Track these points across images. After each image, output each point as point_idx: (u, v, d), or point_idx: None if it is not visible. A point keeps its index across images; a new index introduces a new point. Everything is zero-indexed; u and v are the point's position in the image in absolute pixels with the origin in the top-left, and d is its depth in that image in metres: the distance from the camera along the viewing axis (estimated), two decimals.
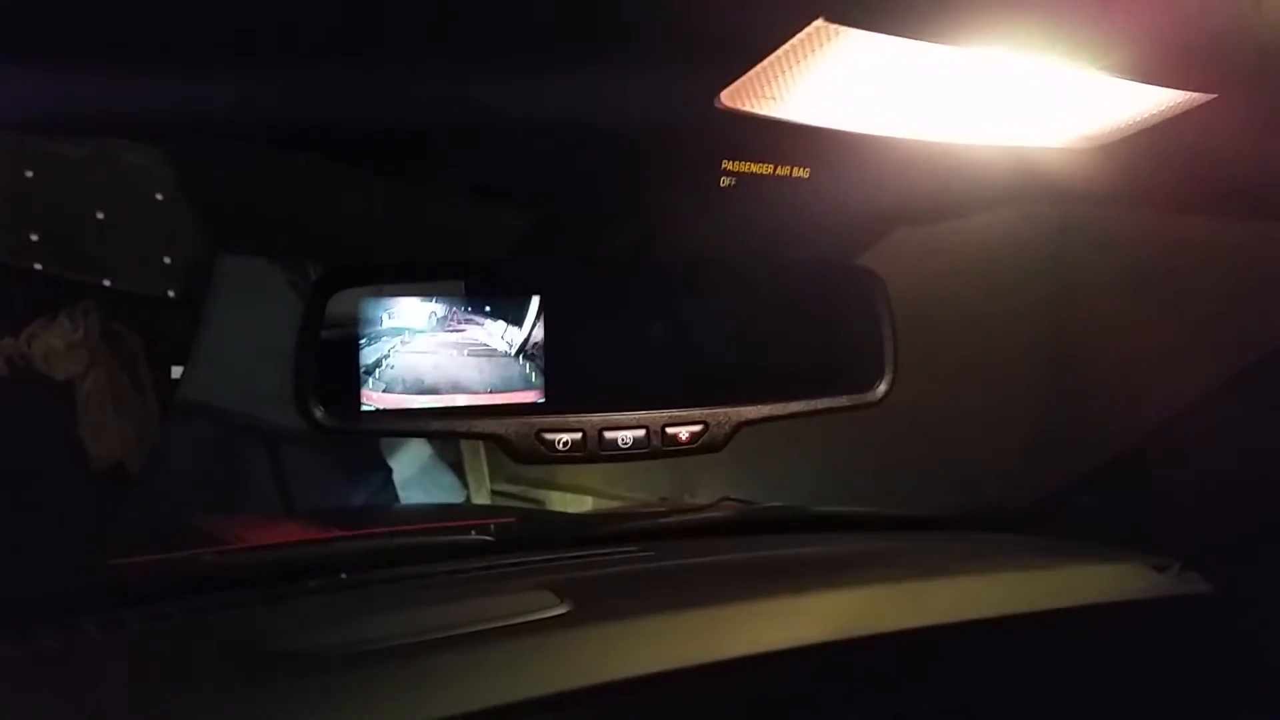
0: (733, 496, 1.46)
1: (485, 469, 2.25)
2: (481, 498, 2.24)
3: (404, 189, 0.95)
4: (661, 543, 1.12)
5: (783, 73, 0.56)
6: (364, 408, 0.77)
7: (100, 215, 1.72)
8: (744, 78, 0.56)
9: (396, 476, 2.00)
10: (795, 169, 0.72)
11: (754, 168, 0.72)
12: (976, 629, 0.96)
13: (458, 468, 2.18)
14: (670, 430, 0.82)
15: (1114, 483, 1.20)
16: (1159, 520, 1.15)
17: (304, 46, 0.62)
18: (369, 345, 0.77)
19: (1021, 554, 1.16)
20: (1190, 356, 1.07)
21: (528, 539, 1.10)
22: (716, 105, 0.59)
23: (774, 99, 0.59)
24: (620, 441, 0.81)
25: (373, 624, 0.79)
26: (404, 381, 0.78)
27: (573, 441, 0.80)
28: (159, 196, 1.69)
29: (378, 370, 0.77)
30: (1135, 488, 1.19)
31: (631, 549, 1.08)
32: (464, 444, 2.13)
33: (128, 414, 1.73)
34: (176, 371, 1.77)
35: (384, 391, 0.78)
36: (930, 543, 1.23)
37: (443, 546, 1.05)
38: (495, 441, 0.79)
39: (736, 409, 0.83)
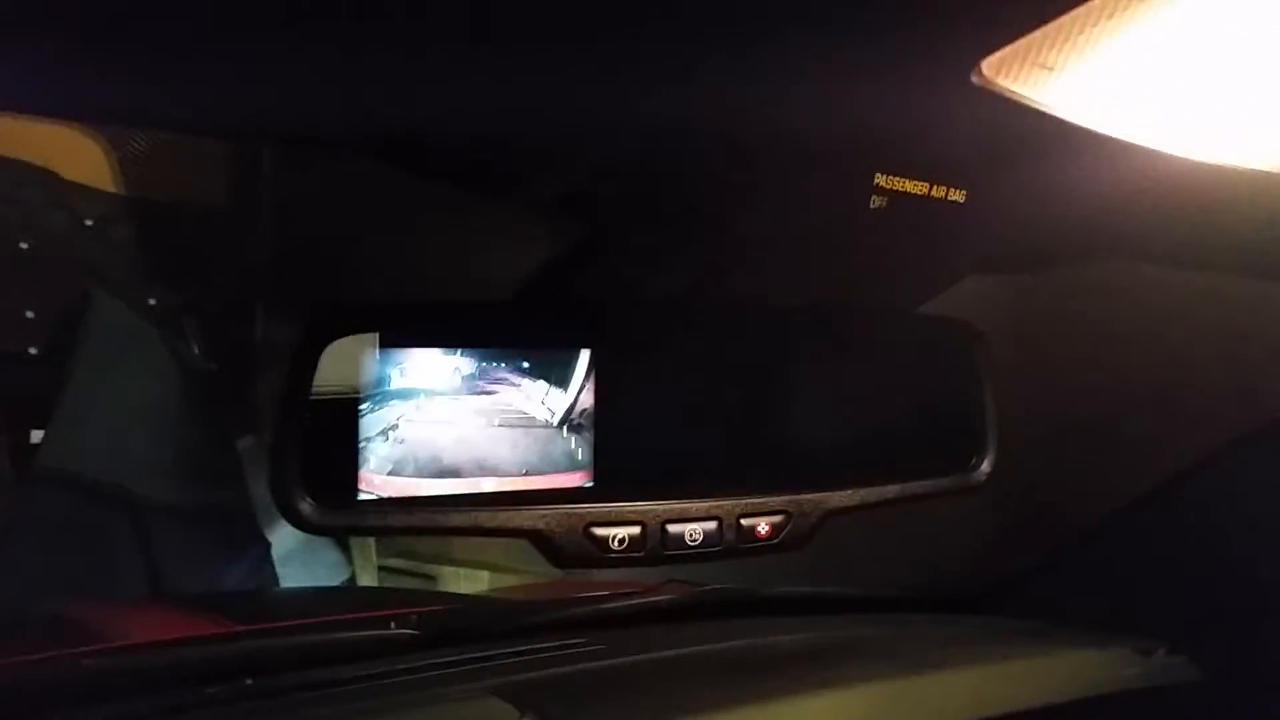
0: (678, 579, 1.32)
1: (372, 542, 2.05)
2: (368, 573, 2.05)
3: (407, 207, 0.75)
4: (609, 632, 0.99)
5: (1066, 38, 0.40)
6: (362, 495, 0.58)
7: None
8: (1015, 45, 0.39)
9: (275, 551, 1.79)
10: (951, 190, 0.56)
11: (909, 185, 0.55)
12: None
13: (342, 540, 1.97)
14: (746, 523, 0.65)
15: (1079, 560, 1.15)
16: (1124, 598, 1.10)
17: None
18: (372, 412, 0.58)
19: (1003, 640, 1.08)
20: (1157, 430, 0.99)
21: (458, 631, 0.94)
22: (976, 76, 0.42)
23: (1042, 76, 0.42)
24: (688, 537, 0.63)
25: None
26: (416, 460, 0.59)
27: (630, 539, 0.62)
28: (23, 245, 1.50)
29: (382, 446, 0.58)
30: (1100, 565, 1.13)
31: (578, 641, 0.94)
32: None
33: None
34: (36, 435, 1.55)
35: (389, 474, 0.58)
36: (902, 627, 1.13)
37: (363, 643, 0.88)
38: (533, 540, 0.61)
39: (821, 495, 0.67)
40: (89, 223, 1.45)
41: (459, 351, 0.60)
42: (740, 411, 0.67)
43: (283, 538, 1.85)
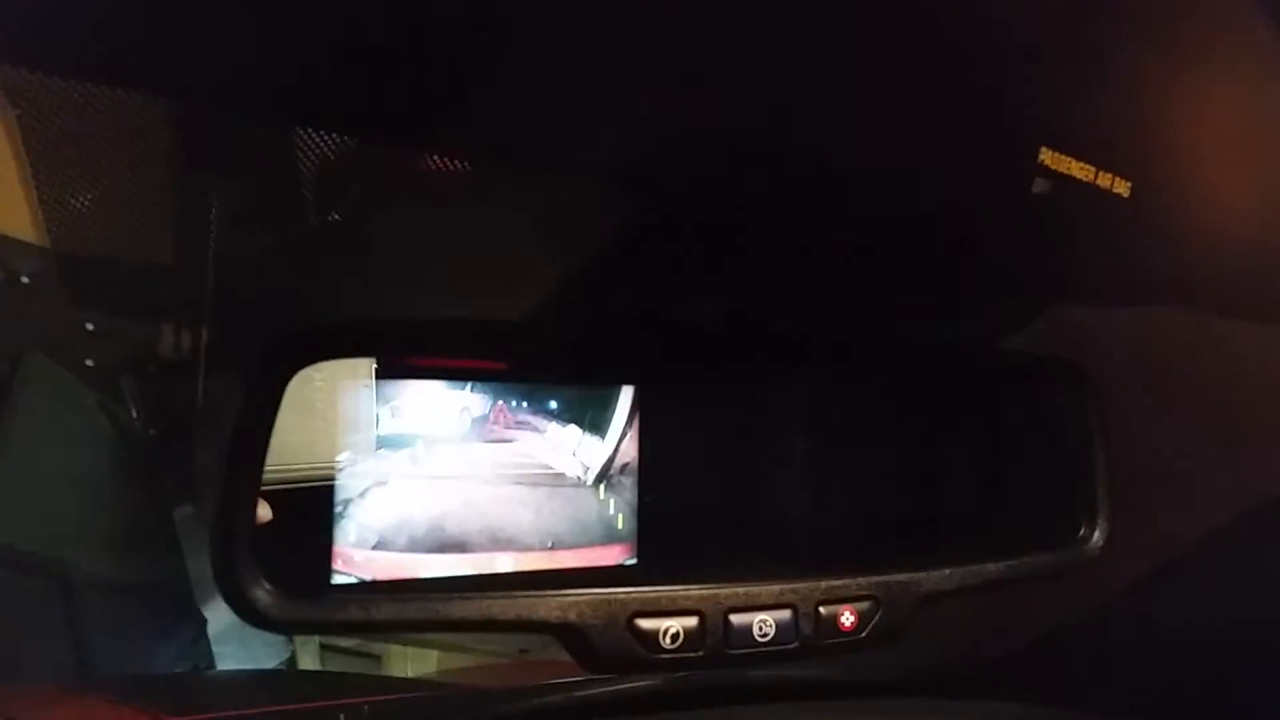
0: None
1: None
2: (309, 653, 1.94)
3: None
4: None
5: None
6: (338, 577, 0.43)
7: None
8: None
9: (211, 628, 1.67)
10: (1116, 180, 0.44)
11: (1076, 169, 0.43)
12: None
13: None
14: (825, 610, 0.51)
15: (1076, 640, 1.02)
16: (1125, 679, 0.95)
17: None
18: (351, 466, 0.43)
19: None
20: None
21: None
22: None
23: None
24: (757, 631, 0.49)
25: None
26: (410, 532, 0.44)
27: (685, 633, 0.48)
28: None
29: (366, 511, 0.43)
30: (1101, 644, 1.01)
31: None
32: None
33: None
34: None
35: (374, 549, 0.44)
36: (893, 714, 1.02)
37: None
38: (562, 637, 0.46)
39: (913, 575, 0.53)
40: (25, 279, 1.37)
41: (467, 385, 0.46)
42: (816, 470, 0.53)
43: (220, 613, 1.77)
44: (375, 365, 0.44)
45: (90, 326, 1.39)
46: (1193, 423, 0.67)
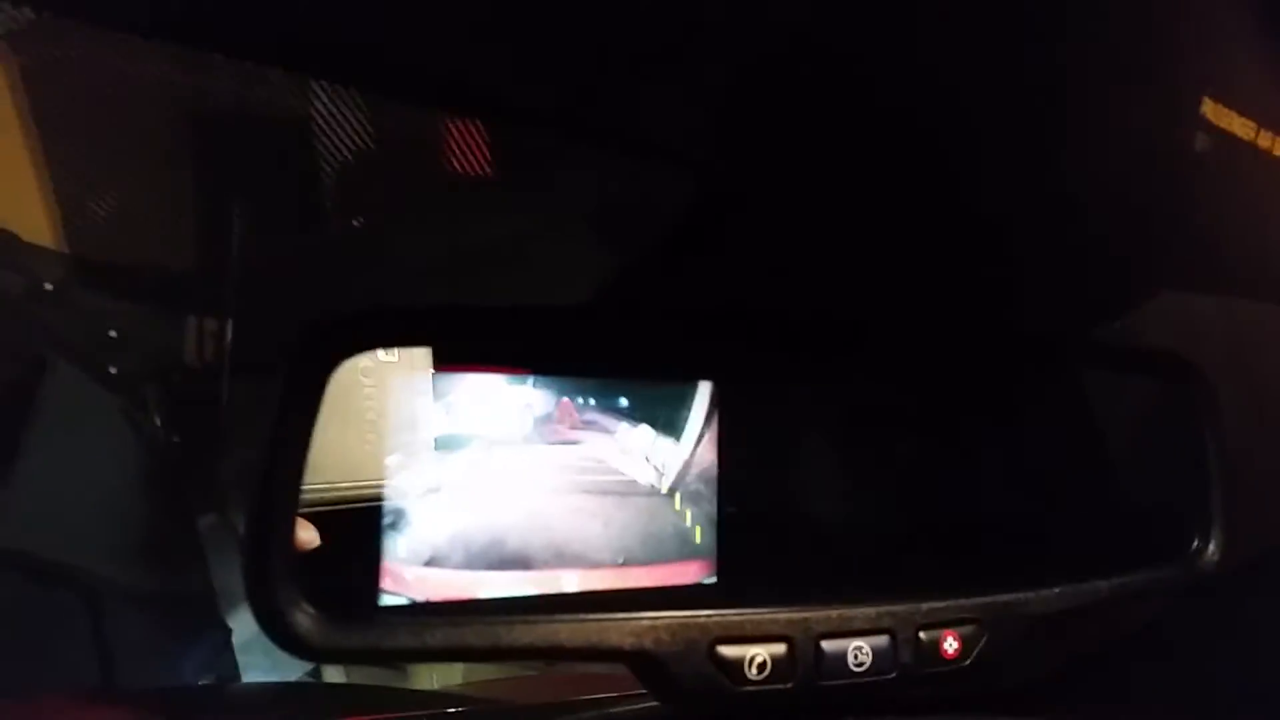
0: None
1: None
2: (334, 665, 1.91)
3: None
4: None
5: None
6: (386, 599, 0.37)
7: None
8: None
9: (236, 638, 1.68)
10: (1278, 139, 0.38)
11: (1239, 125, 0.37)
12: None
13: None
14: (926, 635, 0.45)
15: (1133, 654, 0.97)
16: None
17: None
18: (402, 472, 0.38)
19: None
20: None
21: None
22: None
23: None
24: (852, 660, 0.44)
25: None
26: (466, 546, 0.39)
27: (772, 661, 0.42)
28: None
29: (417, 524, 0.38)
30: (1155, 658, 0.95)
31: None
32: None
33: None
34: None
35: (426, 565, 0.38)
36: None
37: None
38: (634, 666, 0.41)
39: (1019, 595, 0.48)
40: (48, 286, 1.36)
41: (529, 380, 0.41)
42: (915, 481, 0.48)
43: (244, 623, 1.75)
44: (430, 358, 0.38)
45: (113, 334, 1.39)
46: None
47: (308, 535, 0.37)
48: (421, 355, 0.40)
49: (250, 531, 0.35)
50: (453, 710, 1.36)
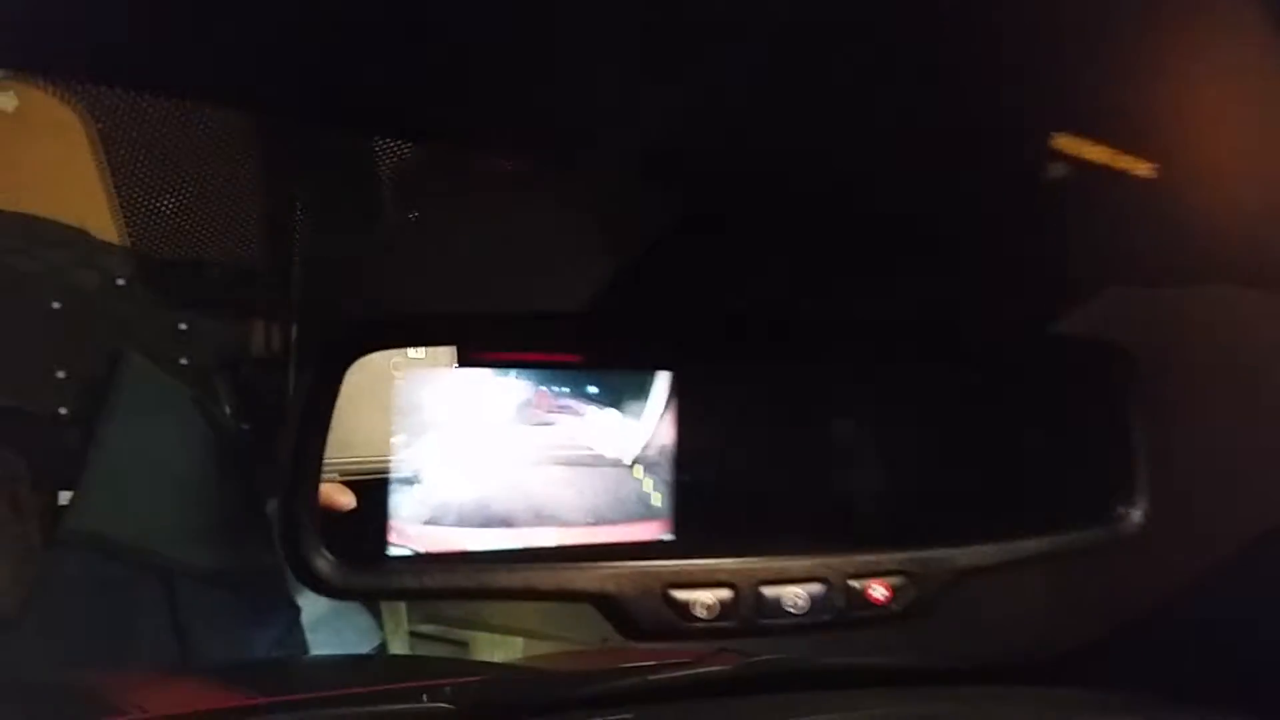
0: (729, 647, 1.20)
1: (403, 607, 2.00)
2: (399, 639, 1.99)
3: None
4: (655, 706, 0.89)
5: None
6: (393, 551, 0.47)
7: None
8: None
9: (305, 617, 1.72)
10: (1140, 162, 0.45)
11: (1093, 152, 0.44)
12: None
13: (372, 604, 1.92)
14: (856, 584, 0.53)
15: (1157, 628, 0.99)
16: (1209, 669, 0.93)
17: None
18: (405, 448, 0.47)
19: (1073, 712, 0.92)
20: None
21: (493, 705, 0.86)
22: None
23: None
24: (788, 603, 0.51)
25: None
26: (459, 508, 0.48)
27: (719, 604, 0.50)
28: (55, 305, 1.52)
29: (418, 489, 0.47)
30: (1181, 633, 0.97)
31: (623, 716, 0.84)
32: None
33: (5, 545, 1.46)
34: (65, 497, 1.54)
35: (426, 524, 0.47)
36: (967, 702, 1.01)
37: (392, 717, 0.79)
38: (600, 606, 0.49)
39: (948, 551, 0.55)
40: (120, 282, 1.47)
41: (511, 372, 0.49)
42: (849, 449, 0.55)
43: (313, 603, 1.81)
44: (424, 357, 0.47)
45: (183, 327, 1.46)
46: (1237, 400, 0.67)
47: (346, 499, 0.46)
48: (433, 353, 0.49)
49: (283, 495, 0.44)
50: (501, 675, 1.45)
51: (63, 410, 1.56)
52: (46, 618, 1.40)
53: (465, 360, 0.48)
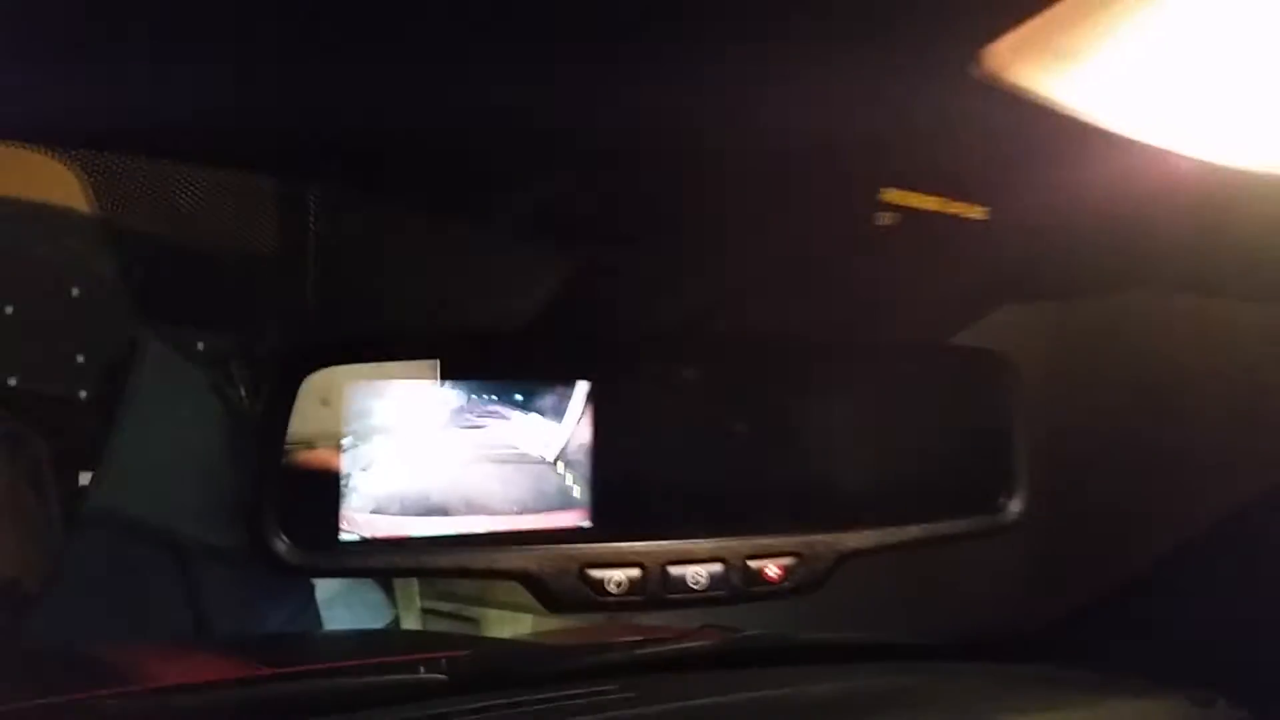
0: (715, 624, 1.27)
1: (415, 585, 2.05)
2: (411, 616, 2.05)
3: (396, 241, 0.74)
4: (640, 678, 0.96)
5: (1080, 21, 0.36)
6: (344, 537, 0.55)
7: (9, 310, 1.58)
8: (1022, 28, 0.35)
9: (319, 594, 1.79)
10: (971, 206, 0.52)
11: (922, 202, 0.52)
12: None
13: (385, 582, 1.98)
14: (754, 565, 0.61)
15: (1128, 603, 1.09)
16: (1176, 643, 1.03)
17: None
18: (354, 448, 0.55)
19: (1052, 689, 1.02)
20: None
21: (486, 676, 0.93)
22: (973, 72, 0.38)
23: (1056, 64, 0.38)
24: (691, 580, 0.60)
25: None
26: (401, 499, 0.56)
27: (628, 581, 0.59)
28: (74, 291, 1.57)
29: (365, 483, 0.55)
30: (1151, 609, 1.07)
31: (608, 687, 0.91)
32: None
33: (26, 525, 1.53)
34: (85, 478, 1.60)
35: (372, 513, 0.56)
36: (945, 675, 1.08)
37: (389, 688, 0.87)
38: (524, 583, 0.58)
39: (835, 535, 0.63)
40: (139, 268, 1.47)
41: (446, 383, 0.57)
42: (747, 447, 0.63)
43: (326, 580, 1.88)
44: (370, 369, 0.56)
45: (201, 312, 1.45)
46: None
47: None
48: (379, 366, 0.57)
49: (250, 491, 0.53)
50: (495, 649, 1.52)
51: (83, 393, 1.60)
52: (69, 593, 1.47)
53: (407, 373, 0.57)
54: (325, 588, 1.82)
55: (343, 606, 1.87)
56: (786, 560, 0.62)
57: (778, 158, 0.48)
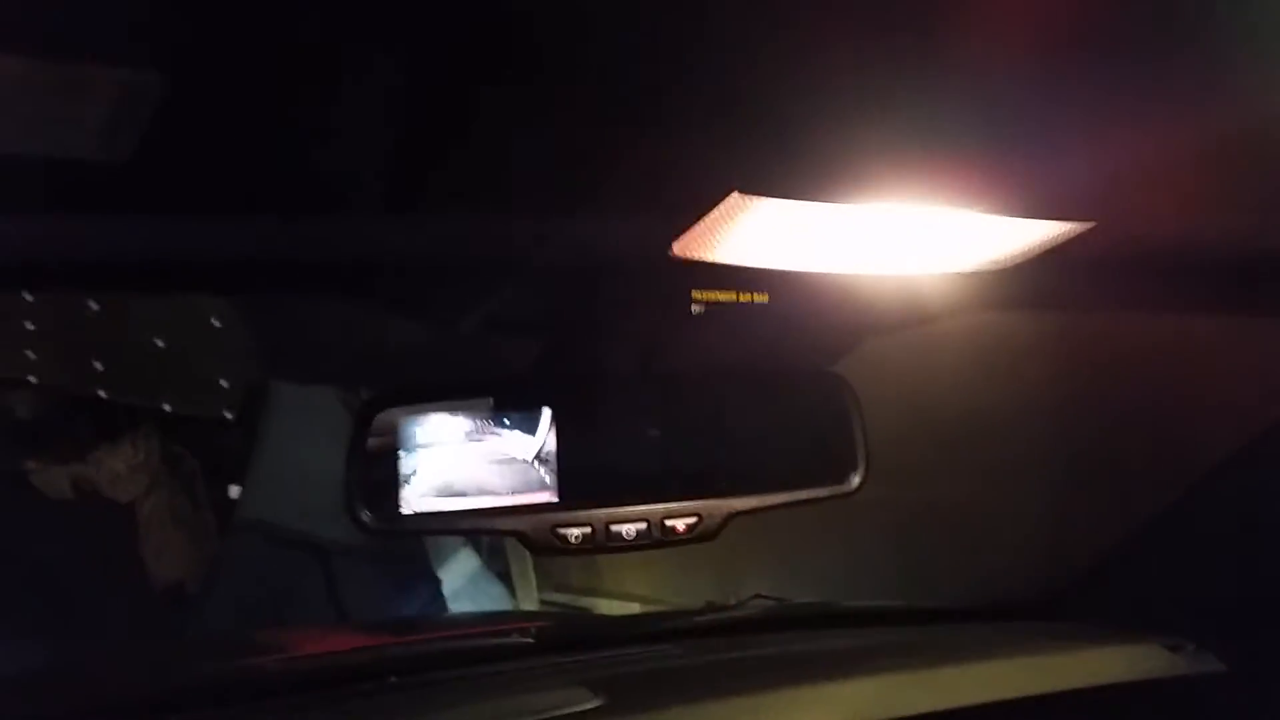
0: (765, 594, 1.45)
1: (533, 578, 2.24)
2: (529, 606, 2.24)
3: (431, 322, 1.10)
4: (694, 641, 1.18)
5: (716, 229, 0.71)
6: (403, 510, 0.90)
7: (160, 343, 1.80)
8: (688, 233, 0.70)
9: (446, 588, 2.03)
10: (756, 295, 0.86)
11: (719, 296, 0.85)
12: (994, 711, 0.98)
13: (505, 577, 2.20)
14: (669, 523, 0.94)
15: (1121, 570, 1.24)
16: (1166, 605, 1.19)
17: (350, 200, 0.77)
18: (407, 456, 0.90)
19: (1038, 639, 1.19)
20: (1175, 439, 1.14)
21: (566, 641, 1.16)
22: (671, 254, 0.73)
23: (714, 249, 0.73)
24: (625, 534, 0.93)
25: None
26: (437, 487, 0.91)
27: (583, 535, 0.92)
28: (215, 323, 1.77)
29: (414, 478, 0.91)
30: (1141, 574, 1.23)
31: (665, 647, 1.14)
32: (510, 553, 2.15)
33: (187, 533, 1.81)
34: (234, 491, 1.84)
35: (421, 496, 0.91)
36: (949, 633, 1.26)
37: (484, 649, 1.11)
38: (516, 537, 0.92)
39: (727, 501, 0.95)
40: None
41: (463, 414, 0.93)
42: (662, 444, 0.97)
43: (453, 576, 2.11)
44: (416, 406, 0.91)
45: (328, 343, 1.54)
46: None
47: None
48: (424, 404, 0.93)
49: (345, 482, 0.89)
50: (575, 617, 1.71)
51: (228, 415, 1.86)
52: (225, 591, 1.75)
53: (439, 408, 0.92)
54: (450, 582, 2.07)
55: (467, 599, 2.10)
56: (690, 519, 0.94)
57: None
